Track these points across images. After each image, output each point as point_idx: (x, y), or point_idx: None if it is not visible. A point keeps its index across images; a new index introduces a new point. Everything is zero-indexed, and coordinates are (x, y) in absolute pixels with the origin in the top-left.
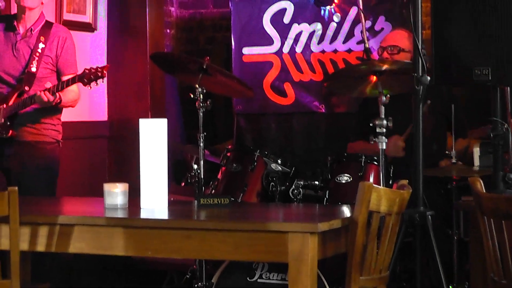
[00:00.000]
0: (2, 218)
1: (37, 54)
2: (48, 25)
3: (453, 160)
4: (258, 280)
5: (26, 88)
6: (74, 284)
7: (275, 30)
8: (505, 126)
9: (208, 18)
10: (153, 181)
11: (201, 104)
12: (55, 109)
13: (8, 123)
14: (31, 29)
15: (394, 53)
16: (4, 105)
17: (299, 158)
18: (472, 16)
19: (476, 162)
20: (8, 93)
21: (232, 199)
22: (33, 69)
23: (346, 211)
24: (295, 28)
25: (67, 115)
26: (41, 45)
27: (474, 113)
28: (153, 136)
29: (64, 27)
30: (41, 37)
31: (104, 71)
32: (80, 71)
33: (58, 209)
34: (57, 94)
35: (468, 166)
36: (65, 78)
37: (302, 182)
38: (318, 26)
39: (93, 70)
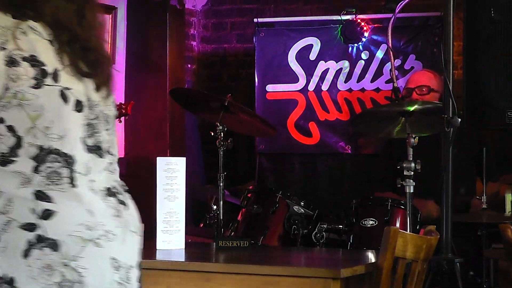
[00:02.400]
0: None
1: None
2: None
3: (484, 206)
4: None
5: None
6: None
7: (300, 67)
8: None
9: (231, 53)
10: (170, 222)
11: (222, 143)
12: None
13: None
14: None
15: (424, 93)
16: None
17: (322, 200)
18: (506, 57)
19: (508, 208)
20: None
21: (252, 242)
22: None
23: (371, 256)
24: (321, 66)
25: None
26: None
27: (505, 158)
28: (171, 174)
29: None
30: None
31: (129, 108)
32: None
33: None
34: None
35: (498, 212)
36: None
37: (325, 226)
38: (346, 64)
39: (117, 107)
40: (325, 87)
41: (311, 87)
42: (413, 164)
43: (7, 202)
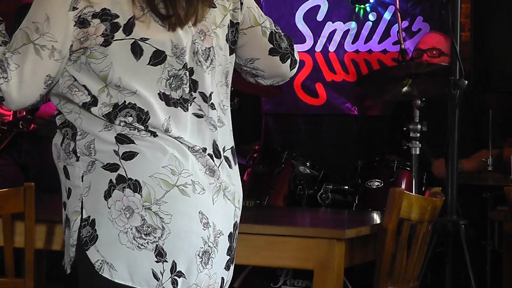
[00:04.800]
0: (17, 215)
1: None
2: None
3: (489, 168)
4: (282, 287)
5: None
6: None
7: (307, 28)
8: None
9: None
10: None
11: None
12: None
13: (29, 116)
14: None
15: (435, 56)
16: None
17: (328, 161)
18: None
19: None
20: None
21: (257, 201)
22: None
23: (376, 217)
24: (329, 27)
25: None
26: None
27: (510, 122)
28: None
29: None
30: None
31: None
32: None
33: None
34: None
35: (503, 174)
36: None
37: (331, 187)
38: (353, 25)
39: None
40: (332, 48)
41: (318, 48)
42: (419, 126)
43: (91, 142)
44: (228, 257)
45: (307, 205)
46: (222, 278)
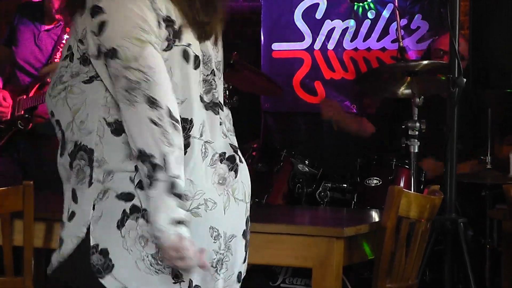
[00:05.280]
0: (16, 213)
1: (62, 45)
2: None
3: (488, 166)
4: (281, 285)
5: (49, 80)
6: None
7: (306, 26)
8: None
9: (237, 11)
10: None
11: (227, 101)
12: None
13: (27, 115)
14: (60, 23)
15: (439, 55)
16: (24, 96)
17: (327, 159)
18: None
19: None
20: (29, 84)
21: (256, 200)
22: (57, 61)
23: (375, 215)
24: (328, 24)
25: None
26: (65, 36)
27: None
28: None
29: None
30: (67, 28)
31: None
32: None
33: None
34: None
35: (502, 173)
36: None
37: (329, 185)
38: (352, 23)
39: None
40: (331, 46)
41: (317, 46)
42: (418, 124)
43: (108, 173)
44: (245, 252)
45: (306, 203)
46: (240, 273)
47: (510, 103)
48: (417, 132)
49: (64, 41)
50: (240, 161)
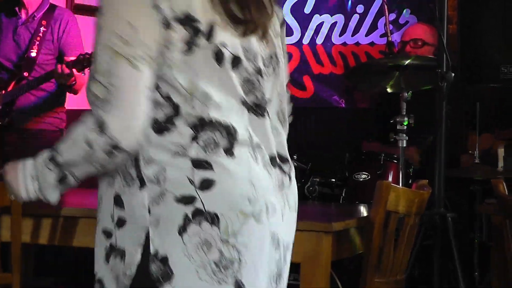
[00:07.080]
0: (4, 208)
1: (38, 38)
2: (51, 8)
3: (476, 161)
4: None
5: (25, 74)
6: (81, 279)
7: (295, 21)
8: None
9: None
10: None
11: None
12: (58, 95)
13: (7, 109)
14: (34, 15)
15: (418, 46)
16: (3, 91)
17: (316, 154)
18: (500, 13)
19: (501, 163)
20: (7, 79)
21: None
22: (33, 54)
23: (363, 210)
24: (316, 19)
25: (71, 103)
26: (42, 29)
27: (502, 116)
28: None
29: (67, 10)
30: (43, 21)
31: None
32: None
33: (62, 200)
34: (73, 73)
35: (491, 167)
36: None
37: (318, 179)
38: (340, 18)
39: (87, 57)
40: (319, 40)
41: (306, 40)
42: (406, 118)
43: (161, 171)
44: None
45: None
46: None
47: (499, 97)
48: (405, 127)
49: (40, 34)
50: (290, 165)
